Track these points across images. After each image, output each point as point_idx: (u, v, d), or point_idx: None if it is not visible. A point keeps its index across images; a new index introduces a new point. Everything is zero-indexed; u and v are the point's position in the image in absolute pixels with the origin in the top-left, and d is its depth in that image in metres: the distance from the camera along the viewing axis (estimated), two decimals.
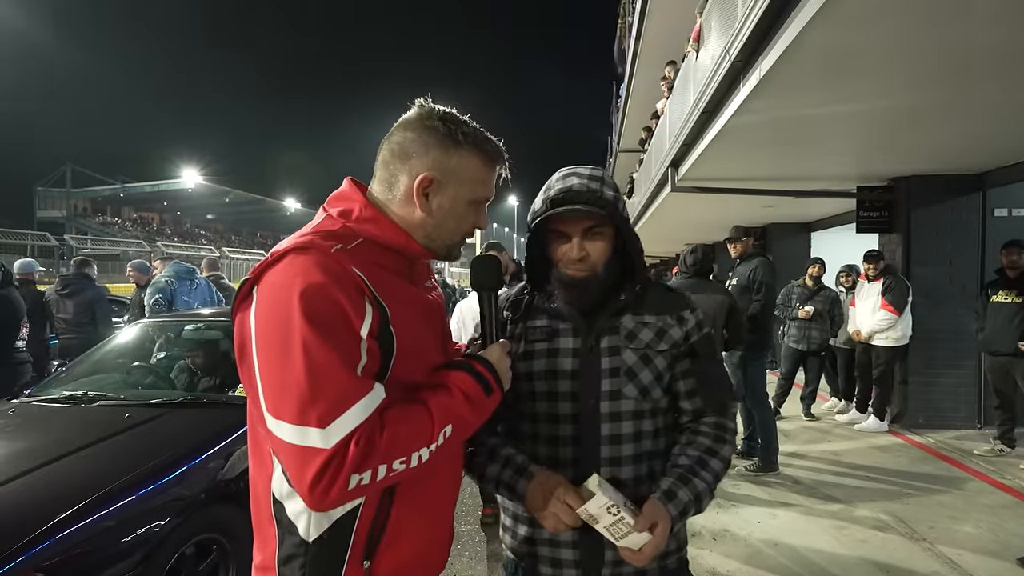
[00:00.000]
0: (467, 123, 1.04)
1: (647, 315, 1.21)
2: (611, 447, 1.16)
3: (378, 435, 0.87)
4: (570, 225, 1.16)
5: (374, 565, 0.97)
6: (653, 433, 1.20)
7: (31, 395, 2.97)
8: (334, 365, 0.85)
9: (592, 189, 1.14)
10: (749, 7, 3.18)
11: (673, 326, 1.21)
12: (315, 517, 0.94)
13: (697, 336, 1.23)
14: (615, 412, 1.17)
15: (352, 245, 0.96)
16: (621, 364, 1.17)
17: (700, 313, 1.25)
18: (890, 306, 5.30)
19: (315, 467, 0.83)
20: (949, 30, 2.58)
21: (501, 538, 1.31)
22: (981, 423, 5.48)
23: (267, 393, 0.88)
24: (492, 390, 1.04)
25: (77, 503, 1.91)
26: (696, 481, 1.13)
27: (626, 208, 1.21)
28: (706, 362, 1.22)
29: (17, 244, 16.60)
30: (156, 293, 5.16)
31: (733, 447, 1.21)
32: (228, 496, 2.38)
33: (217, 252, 19.17)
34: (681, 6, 8.85)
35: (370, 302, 0.92)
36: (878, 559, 3.07)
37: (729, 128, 4.16)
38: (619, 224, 1.17)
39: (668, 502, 1.08)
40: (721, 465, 1.17)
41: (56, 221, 42.32)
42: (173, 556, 2.09)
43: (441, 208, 1.03)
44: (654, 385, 1.18)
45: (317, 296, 0.86)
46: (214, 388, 3.05)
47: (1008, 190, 5.34)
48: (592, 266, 1.17)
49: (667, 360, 1.20)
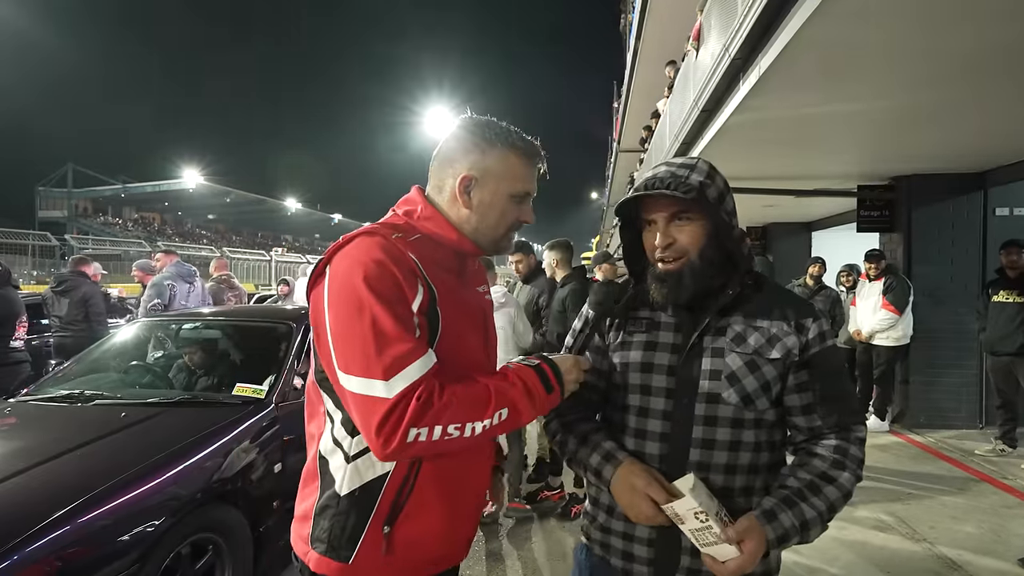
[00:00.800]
0: (500, 126, 1.16)
1: (760, 318, 1.12)
2: (702, 451, 1.09)
3: (437, 396, 0.98)
4: (655, 212, 1.12)
5: (393, 532, 1.08)
6: (754, 445, 1.10)
7: (28, 394, 2.96)
8: (395, 328, 0.98)
9: (678, 175, 1.09)
10: (749, 4, 3.17)
11: (790, 334, 1.10)
12: (349, 474, 1.08)
13: (819, 347, 1.11)
14: (711, 416, 1.09)
15: (412, 238, 1.10)
16: (724, 367, 1.10)
17: (825, 323, 1.14)
18: (891, 306, 5.29)
19: (380, 415, 0.96)
20: (949, 29, 2.57)
21: (581, 523, 1.31)
22: (983, 423, 5.47)
23: (338, 353, 1.01)
24: (552, 389, 1.11)
25: (72, 502, 1.90)
26: (804, 507, 1.02)
27: (725, 197, 1.12)
28: (828, 375, 1.11)
29: (18, 244, 16.59)
30: (156, 296, 5.14)
31: (855, 476, 1.07)
32: (224, 496, 2.37)
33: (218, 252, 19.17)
34: (681, 5, 8.84)
35: (422, 283, 1.05)
36: (879, 559, 3.06)
37: (729, 127, 4.15)
38: (709, 211, 1.08)
39: (767, 523, 1.00)
40: (838, 494, 1.05)
41: (57, 221, 42.40)
42: (168, 556, 2.07)
43: (483, 203, 1.15)
44: (759, 394, 1.09)
45: (378, 270, 1.01)
46: (211, 387, 3.03)
47: (1010, 189, 5.33)
48: (681, 253, 1.10)
49: (778, 370, 1.10)
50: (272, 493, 2.62)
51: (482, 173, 1.13)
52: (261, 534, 2.53)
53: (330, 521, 1.09)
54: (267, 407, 2.74)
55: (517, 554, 3.14)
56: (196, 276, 5.61)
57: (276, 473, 2.65)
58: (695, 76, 5.11)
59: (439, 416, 0.97)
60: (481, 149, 1.13)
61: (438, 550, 1.14)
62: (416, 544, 1.10)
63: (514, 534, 3.37)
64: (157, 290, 5.19)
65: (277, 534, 2.64)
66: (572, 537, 3.33)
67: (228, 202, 53.96)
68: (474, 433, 1.02)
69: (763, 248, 9.27)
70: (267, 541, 2.57)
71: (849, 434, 1.09)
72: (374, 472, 1.07)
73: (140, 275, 6.18)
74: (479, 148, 1.13)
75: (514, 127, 1.18)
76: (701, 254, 1.10)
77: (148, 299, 5.17)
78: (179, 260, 5.66)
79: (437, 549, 1.13)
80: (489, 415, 1.03)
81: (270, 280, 18.84)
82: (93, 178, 48.79)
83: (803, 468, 1.08)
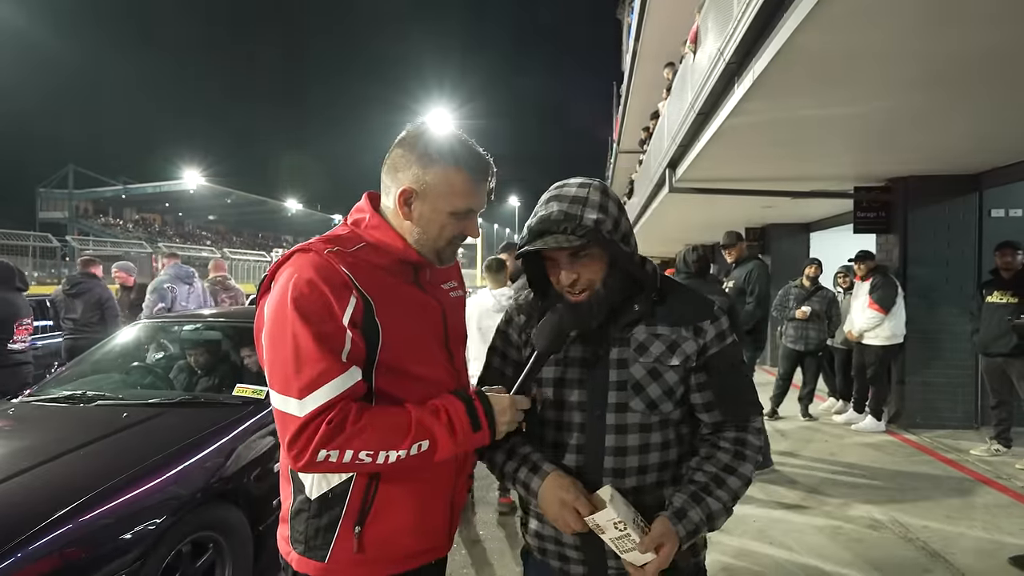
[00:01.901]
0: (448, 140, 1.16)
1: (661, 326, 1.17)
2: (616, 458, 1.15)
3: (352, 421, 1.01)
4: (556, 253, 1.15)
5: (363, 531, 1.12)
6: (661, 445, 1.18)
7: (31, 395, 3.00)
8: (314, 348, 1.01)
9: (571, 215, 1.10)
10: (743, 8, 3.20)
11: (688, 339, 1.16)
12: (317, 478, 1.12)
13: (717, 348, 1.17)
14: (621, 424, 1.15)
15: (354, 248, 1.12)
16: (629, 377, 1.16)
17: (725, 322, 1.20)
18: (876, 305, 5.32)
19: (291, 432, 1.01)
20: (941, 32, 2.59)
21: (519, 528, 1.36)
22: (978, 423, 5.50)
23: (268, 368, 1.07)
24: (480, 427, 1.11)
25: (74, 501, 1.93)
26: (710, 500, 1.11)
27: (619, 222, 1.14)
28: (726, 373, 1.18)
29: (19, 245, 16.62)
30: (159, 301, 5.17)
31: (754, 463, 1.17)
32: (225, 495, 2.40)
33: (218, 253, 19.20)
34: (680, 6, 8.87)
35: (355, 295, 1.06)
36: (872, 558, 3.08)
37: (725, 129, 4.18)
38: (606, 245, 1.11)
39: (678, 522, 1.08)
40: (739, 483, 1.14)
41: (58, 222, 42.42)
42: (170, 554, 2.10)
43: (422, 217, 1.15)
44: (663, 399, 1.16)
45: (306, 289, 1.03)
46: (212, 388, 3.07)
47: (1005, 191, 5.35)
48: (587, 286, 1.16)
49: (679, 374, 1.16)
50: (272, 492, 2.65)
51: (422, 188, 1.13)
52: (261, 533, 2.56)
53: (304, 524, 1.15)
54: (267, 407, 2.78)
55: (510, 553, 3.17)
56: (195, 277, 5.63)
57: (276, 472, 2.68)
58: (692, 79, 5.14)
59: (350, 441, 1.00)
60: (423, 164, 1.13)
61: (413, 545, 1.17)
62: (388, 541, 1.14)
63: (513, 532, 3.40)
64: (159, 294, 5.22)
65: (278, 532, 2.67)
66: None
67: (229, 203, 53.94)
68: (387, 461, 1.03)
69: (761, 249, 9.28)
70: (267, 540, 2.60)
71: (748, 424, 1.18)
72: (339, 477, 1.11)
73: (122, 276, 6.21)
74: (420, 163, 1.13)
75: (467, 140, 1.18)
76: (604, 283, 1.16)
77: (152, 303, 5.20)
78: (178, 263, 5.70)
79: (411, 544, 1.17)
80: (406, 446, 1.04)
81: None
82: (94, 179, 48.80)
83: (708, 461, 1.16)
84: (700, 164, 5.44)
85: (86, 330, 5.31)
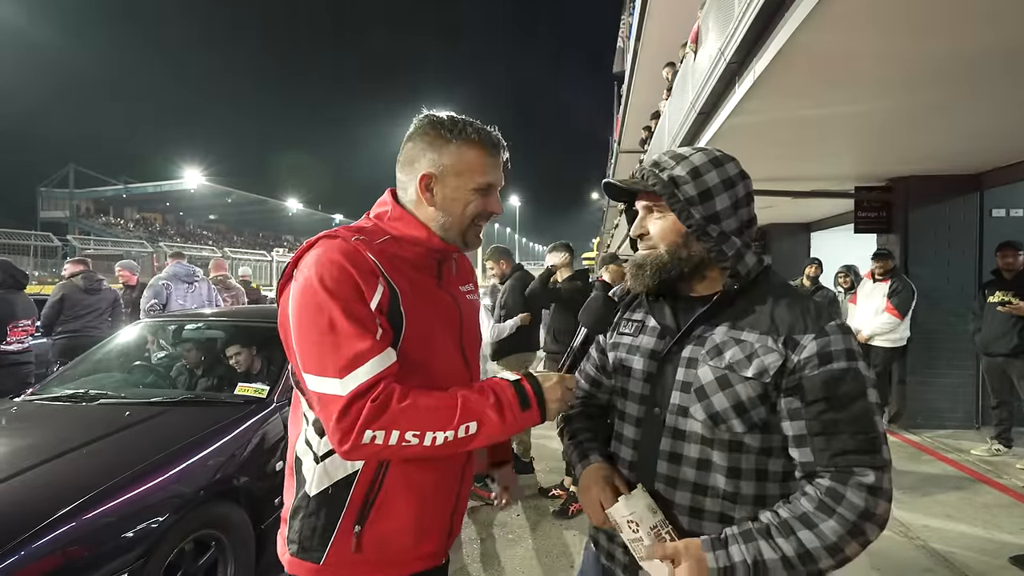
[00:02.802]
0: (457, 121, 1.16)
1: (748, 331, 1.01)
2: (669, 464, 1.05)
3: (397, 400, 0.99)
4: (639, 200, 1.13)
5: (363, 531, 1.10)
6: (728, 470, 1.00)
7: (33, 394, 3.01)
8: (350, 327, 1.00)
9: (659, 164, 1.07)
10: (744, 7, 3.20)
11: (772, 351, 0.97)
12: (319, 474, 1.10)
13: (817, 370, 0.94)
14: (679, 429, 1.04)
15: (379, 240, 1.12)
16: (694, 380, 1.03)
17: (840, 342, 0.96)
18: (895, 310, 5.30)
19: (335, 412, 0.98)
20: (942, 31, 2.59)
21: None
22: (979, 423, 5.50)
23: (301, 353, 1.03)
24: (529, 406, 1.06)
25: (77, 499, 1.94)
26: (764, 545, 0.91)
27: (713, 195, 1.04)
28: (828, 405, 0.94)
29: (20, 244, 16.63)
30: (152, 297, 5.18)
31: (851, 526, 0.89)
32: (227, 493, 2.41)
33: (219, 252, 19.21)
34: (681, 6, 8.87)
35: (382, 283, 1.06)
36: (872, 557, 3.08)
37: (726, 129, 4.19)
38: (678, 208, 1.03)
39: (711, 550, 0.93)
40: (816, 544, 0.89)
41: (59, 222, 42.47)
42: (172, 552, 2.11)
43: (445, 199, 1.15)
44: (730, 414, 0.98)
45: (335, 271, 1.02)
46: (214, 387, 3.08)
47: (1006, 190, 5.35)
48: (652, 245, 1.09)
49: (756, 390, 0.97)
50: (274, 491, 2.66)
51: (440, 170, 1.14)
52: (263, 531, 2.57)
53: (300, 523, 1.12)
54: (268, 406, 2.79)
55: (514, 552, 3.17)
56: (196, 276, 5.63)
57: (278, 471, 2.69)
58: (693, 78, 5.15)
59: (396, 420, 0.97)
60: (436, 148, 1.14)
61: (411, 549, 1.14)
62: (386, 542, 1.11)
63: (512, 531, 3.41)
64: (154, 291, 5.24)
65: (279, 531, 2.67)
66: (568, 534, 3.37)
67: (229, 202, 53.98)
68: (435, 443, 0.99)
69: (762, 248, 9.30)
70: (269, 538, 2.60)
71: (848, 477, 0.92)
72: (343, 471, 1.09)
73: (126, 275, 6.22)
74: (435, 146, 1.14)
75: (473, 120, 1.17)
76: (669, 249, 1.07)
77: (146, 300, 5.21)
78: (181, 262, 5.70)
79: (409, 547, 1.13)
80: (454, 426, 1.00)
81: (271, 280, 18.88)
82: (95, 179, 48.84)
83: (785, 506, 0.96)
84: None
85: (91, 329, 5.29)
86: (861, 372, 0.96)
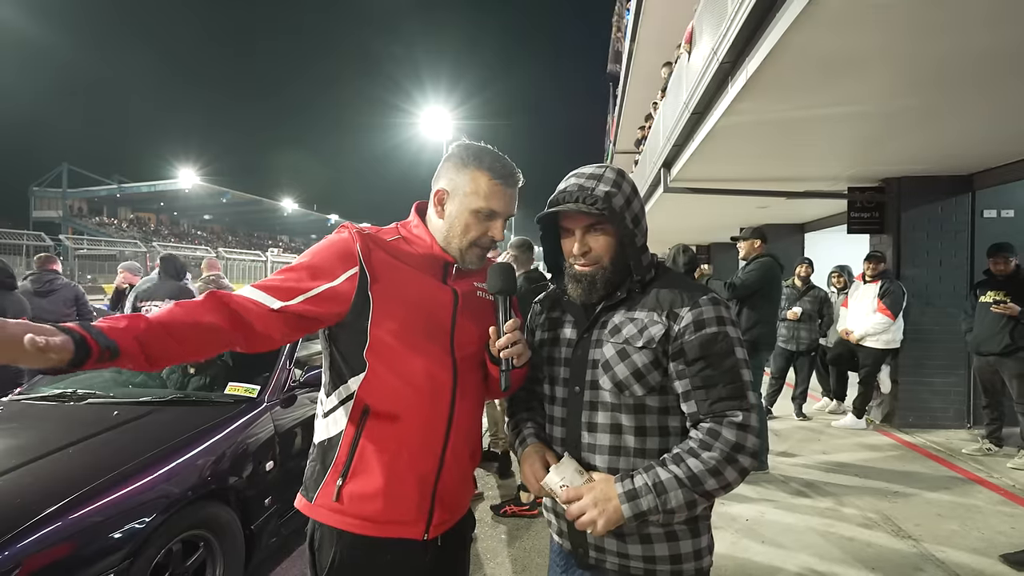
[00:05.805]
0: (480, 150, 1.32)
1: (639, 311, 1.21)
2: (589, 433, 1.23)
3: (232, 298, 1.17)
4: (572, 222, 1.25)
5: (343, 486, 1.26)
6: (635, 429, 1.19)
7: (21, 393, 2.98)
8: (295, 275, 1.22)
9: (585, 188, 1.20)
10: (736, 7, 3.21)
11: (657, 323, 1.17)
12: (322, 427, 1.31)
13: (693, 335, 1.14)
14: (593, 401, 1.23)
15: (391, 239, 1.32)
16: (600, 356, 1.23)
17: (711, 311, 1.15)
18: (887, 310, 5.32)
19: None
20: (932, 35, 2.60)
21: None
22: (970, 423, 5.52)
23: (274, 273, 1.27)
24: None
25: (63, 499, 1.93)
26: (660, 470, 1.12)
27: (631, 201, 1.23)
28: (702, 362, 1.14)
29: (12, 244, 16.51)
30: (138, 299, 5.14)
31: (726, 455, 1.09)
32: (216, 493, 2.39)
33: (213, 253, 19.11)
34: (675, 7, 8.89)
35: (357, 267, 1.24)
36: (864, 556, 3.09)
37: (719, 129, 4.19)
38: (616, 222, 1.19)
39: (620, 480, 1.14)
40: (701, 468, 1.09)
41: (52, 221, 42.28)
42: (159, 552, 2.10)
43: (451, 215, 1.31)
44: (631, 380, 1.18)
45: (327, 246, 1.27)
46: (204, 386, 3.05)
47: (997, 191, 5.38)
48: (596, 260, 1.23)
49: (648, 357, 1.17)
50: (264, 491, 2.64)
51: (453, 188, 1.31)
52: (252, 532, 2.55)
53: (309, 466, 1.34)
54: (259, 406, 2.77)
55: (509, 551, 3.16)
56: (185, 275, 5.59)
57: (268, 471, 2.68)
58: (687, 78, 5.15)
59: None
60: (456, 169, 1.31)
61: (382, 512, 1.26)
62: (360, 499, 1.26)
63: (506, 531, 3.40)
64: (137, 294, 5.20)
65: (269, 532, 2.66)
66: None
67: (224, 202, 53.81)
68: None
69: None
70: (259, 538, 2.59)
71: (723, 419, 1.13)
72: (337, 428, 1.28)
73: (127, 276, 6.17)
74: (454, 168, 1.31)
75: (499, 153, 1.33)
76: (611, 261, 1.24)
77: (130, 305, 5.18)
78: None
79: (381, 511, 1.26)
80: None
81: None
82: (88, 178, 48.61)
83: (677, 447, 1.16)
84: (695, 164, 5.45)
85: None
86: (730, 334, 1.16)
